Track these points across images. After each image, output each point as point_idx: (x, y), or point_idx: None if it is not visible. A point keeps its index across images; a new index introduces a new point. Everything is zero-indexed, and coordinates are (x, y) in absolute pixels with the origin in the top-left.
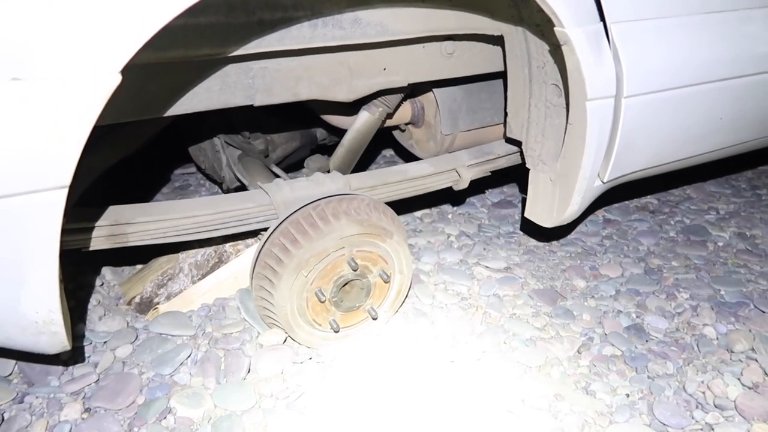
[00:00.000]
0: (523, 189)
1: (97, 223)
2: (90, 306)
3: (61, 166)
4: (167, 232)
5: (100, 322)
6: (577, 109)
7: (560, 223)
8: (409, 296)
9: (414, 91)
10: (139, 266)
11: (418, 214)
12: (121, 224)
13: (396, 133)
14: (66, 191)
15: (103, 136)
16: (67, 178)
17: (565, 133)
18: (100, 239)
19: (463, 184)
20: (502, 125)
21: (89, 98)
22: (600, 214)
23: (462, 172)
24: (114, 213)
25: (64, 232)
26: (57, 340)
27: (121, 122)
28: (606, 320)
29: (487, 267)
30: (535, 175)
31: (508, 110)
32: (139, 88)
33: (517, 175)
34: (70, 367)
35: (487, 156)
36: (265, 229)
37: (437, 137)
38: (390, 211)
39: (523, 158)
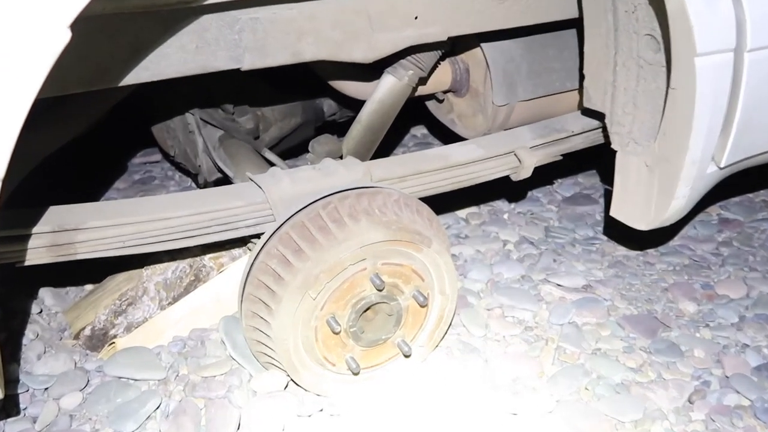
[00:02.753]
0: (607, 179)
1: (35, 230)
2: (25, 341)
3: None
4: (128, 241)
5: (39, 362)
6: (682, 68)
7: (660, 224)
8: (454, 325)
9: (455, 47)
10: (88, 287)
11: (462, 213)
12: (67, 230)
13: (431, 105)
14: None
15: (41, 114)
16: (1, 167)
17: (665, 101)
18: (38, 251)
19: (525, 173)
20: (576, 92)
21: (30, 62)
22: (714, 212)
23: (523, 155)
24: (57, 216)
25: None
26: None
27: (65, 95)
28: (727, 357)
29: (559, 285)
30: (625, 160)
31: (585, 71)
32: (90, 49)
33: (598, 160)
34: (0, 423)
35: (557, 134)
36: (258, 236)
37: (487, 109)
38: (426, 209)
39: (606, 136)
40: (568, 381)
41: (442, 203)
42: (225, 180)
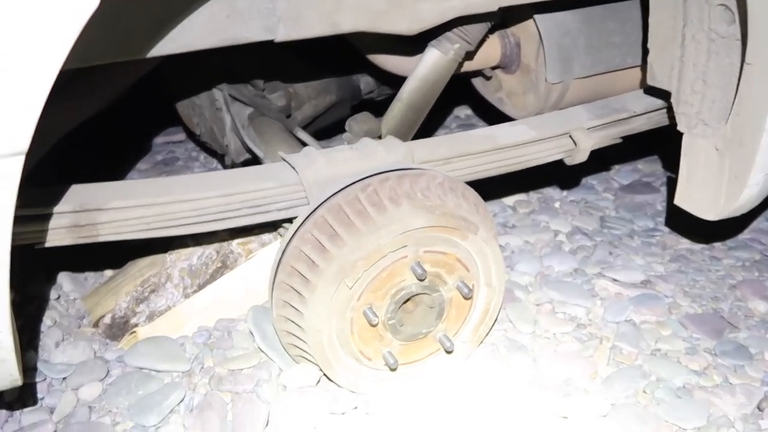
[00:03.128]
0: (671, 164)
1: (56, 209)
2: (43, 328)
3: (15, 125)
4: (152, 223)
5: (56, 351)
6: (759, 41)
7: (730, 215)
8: (500, 320)
9: (506, 19)
10: (109, 272)
11: (509, 200)
12: (90, 211)
13: (478, 83)
14: (22, 160)
15: (63, 87)
16: (24, 141)
17: (739, 78)
18: (58, 232)
19: (581, 157)
20: (638, 69)
21: (57, 29)
22: None
23: (579, 138)
24: (79, 195)
25: (14, 220)
26: (5, 371)
27: (88, 67)
28: None
29: (615, 280)
30: (692, 143)
31: (649, 46)
32: (116, 18)
33: (661, 144)
34: (17, 413)
35: (617, 114)
36: (290, 220)
37: (540, 87)
38: (473, 193)
39: (672, 117)
40: (624, 383)
41: (487, 189)
42: (253, 161)
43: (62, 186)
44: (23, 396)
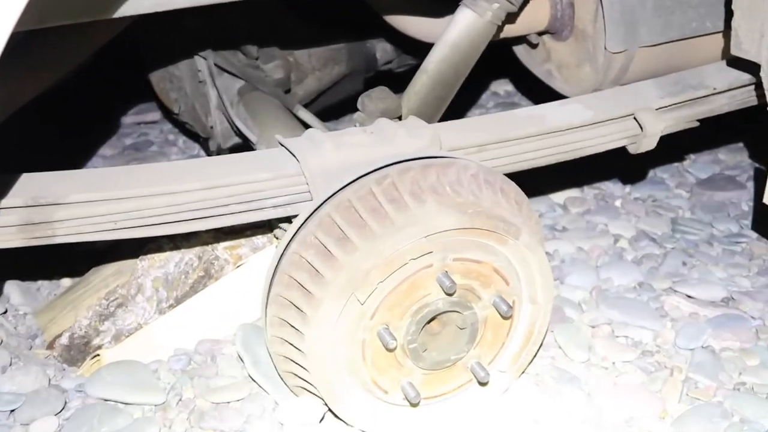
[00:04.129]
0: (759, 154)
1: (3, 203)
2: None
3: None
4: (120, 222)
5: (3, 377)
6: None
7: None
8: (547, 346)
9: None
10: (66, 282)
11: (559, 197)
12: (44, 205)
13: (521, 52)
14: None
15: (11, 56)
16: None
17: None
18: (6, 231)
19: (647, 144)
20: (719, 36)
21: None
22: None
23: (646, 120)
24: (31, 186)
25: None
26: None
27: (43, 30)
28: None
29: (689, 297)
30: None
31: (734, 6)
32: None
33: (747, 129)
34: None
35: (693, 92)
36: (289, 220)
37: (598, 58)
38: (514, 188)
39: (761, 96)
40: (701, 425)
41: (532, 184)
42: (244, 146)
43: (10, 175)
44: None
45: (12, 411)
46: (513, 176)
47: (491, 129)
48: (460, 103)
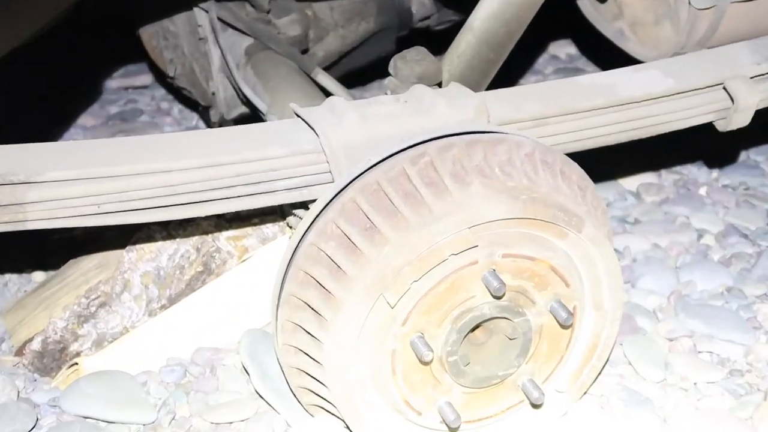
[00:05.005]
0: None
1: None
2: None
3: None
4: (104, 205)
5: None
6: None
7: None
8: (614, 361)
9: None
10: (39, 276)
11: (630, 183)
12: (15, 184)
13: (586, 6)
14: None
15: None
16: None
17: None
18: None
19: (740, 119)
20: None
21: None
22: None
23: (738, 90)
24: (1, 160)
25: None
26: None
27: None
28: None
29: None
30: None
31: None
32: None
33: None
34: None
35: None
36: (306, 205)
37: (681, 14)
38: (577, 171)
39: None
40: None
41: (600, 166)
42: (252, 117)
43: None
44: None
45: None
46: (576, 157)
47: (550, 99)
48: (513, 68)
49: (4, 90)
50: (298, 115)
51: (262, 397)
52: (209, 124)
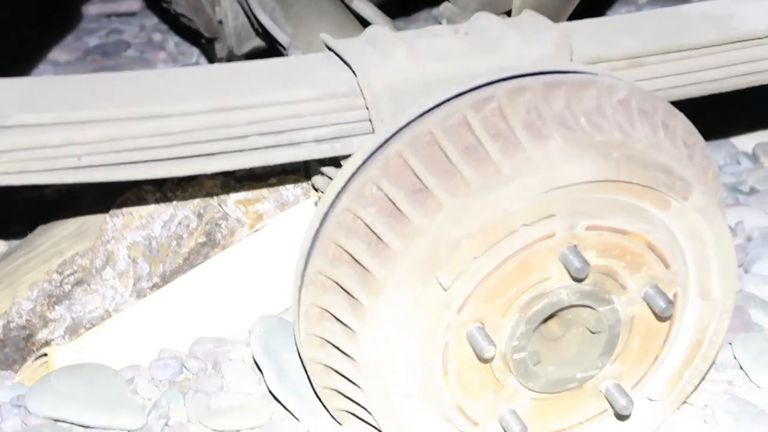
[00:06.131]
0: None
1: None
2: None
3: None
4: (85, 156)
5: None
6: None
7: None
8: (722, 363)
9: None
10: (0, 246)
11: (745, 143)
12: None
13: None
14: None
15: None
16: None
17: None
18: None
19: None
20: None
21: None
22: None
23: None
24: None
25: None
26: None
27: None
28: None
29: None
30: None
31: None
32: None
33: None
34: None
35: None
36: (338, 162)
37: None
38: (684, 123)
39: None
40: None
41: (709, 120)
42: (268, 53)
43: None
44: None
45: None
46: (680, 106)
47: (649, 33)
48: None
49: None
50: (330, 49)
51: (277, 400)
52: (213, 61)
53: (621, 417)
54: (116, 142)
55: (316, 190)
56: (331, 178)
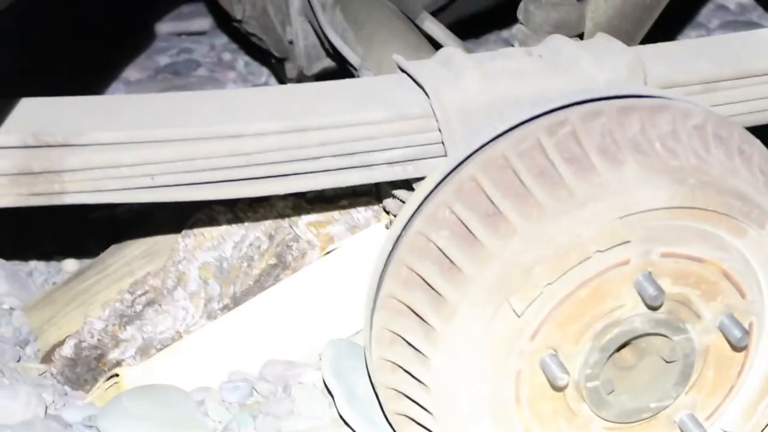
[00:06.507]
0: None
1: None
2: None
3: None
4: (158, 176)
5: None
6: None
7: None
8: None
9: None
10: (71, 264)
11: None
12: (51, 147)
13: None
14: None
15: None
16: None
17: None
18: None
19: None
20: None
21: None
22: None
23: None
24: (32, 117)
25: None
26: None
27: None
28: None
29: None
30: None
31: None
32: None
33: None
34: None
35: None
36: (410, 185)
37: None
38: (761, 149)
39: None
40: None
41: None
42: (339, 73)
43: (2, 100)
44: None
45: None
46: (755, 132)
47: (724, 57)
48: (670, 19)
49: (36, 33)
50: (402, 70)
51: (347, 425)
52: (283, 81)
53: None
54: (190, 161)
55: (387, 212)
56: (403, 201)
